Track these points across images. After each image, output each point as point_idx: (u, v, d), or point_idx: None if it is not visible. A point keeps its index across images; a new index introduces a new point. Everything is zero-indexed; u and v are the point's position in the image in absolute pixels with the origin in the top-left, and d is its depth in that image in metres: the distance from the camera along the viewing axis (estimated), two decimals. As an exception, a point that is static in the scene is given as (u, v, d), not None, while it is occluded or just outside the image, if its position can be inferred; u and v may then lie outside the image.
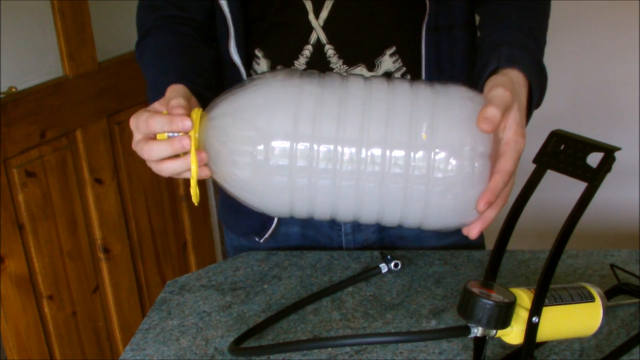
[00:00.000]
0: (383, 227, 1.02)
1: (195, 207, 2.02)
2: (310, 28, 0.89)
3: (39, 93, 1.52)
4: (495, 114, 0.65)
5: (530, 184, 0.67)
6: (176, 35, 0.92)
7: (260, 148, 0.68)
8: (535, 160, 0.67)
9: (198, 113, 0.71)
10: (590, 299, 0.67)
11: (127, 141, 1.77)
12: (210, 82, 0.89)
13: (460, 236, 1.04)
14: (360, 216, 0.73)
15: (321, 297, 0.88)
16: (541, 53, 0.84)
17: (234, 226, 1.08)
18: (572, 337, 0.70)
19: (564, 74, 1.83)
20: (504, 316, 0.62)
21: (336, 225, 1.01)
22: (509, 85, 0.70)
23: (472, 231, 0.71)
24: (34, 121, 1.51)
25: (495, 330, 0.63)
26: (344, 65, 0.90)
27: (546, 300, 0.64)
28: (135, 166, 1.80)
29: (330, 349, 0.79)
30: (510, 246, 0.71)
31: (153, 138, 0.72)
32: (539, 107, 0.88)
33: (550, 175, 0.67)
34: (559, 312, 0.65)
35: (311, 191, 0.70)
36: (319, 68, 0.90)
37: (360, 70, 0.91)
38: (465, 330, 0.63)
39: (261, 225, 1.02)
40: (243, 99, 0.71)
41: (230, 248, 1.10)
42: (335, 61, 0.90)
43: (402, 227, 1.02)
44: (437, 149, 0.67)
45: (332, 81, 0.71)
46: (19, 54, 1.52)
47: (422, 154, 0.67)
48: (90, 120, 1.66)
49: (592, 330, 0.68)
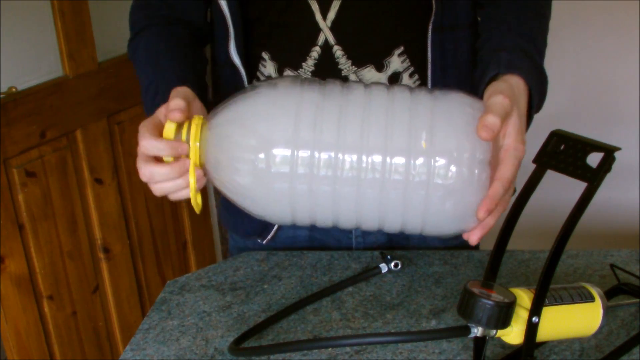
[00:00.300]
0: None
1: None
2: (318, 29, 0.89)
3: (39, 93, 1.52)
4: (494, 121, 0.66)
5: (530, 184, 0.67)
6: (171, 36, 0.91)
7: (262, 156, 0.68)
8: (535, 160, 0.67)
9: (199, 121, 0.71)
10: (590, 299, 0.67)
11: (127, 141, 1.77)
12: (206, 85, 0.89)
13: (461, 239, 1.05)
14: (362, 223, 0.74)
15: (321, 297, 0.88)
16: (541, 57, 0.84)
17: (235, 228, 1.07)
18: (572, 337, 0.70)
19: (564, 74, 1.83)
20: (504, 316, 0.62)
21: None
22: (508, 92, 0.70)
23: (472, 237, 0.71)
24: (34, 121, 1.51)
25: (495, 330, 0.63)
26: (353, 66, 0.90)
27: (546, 300, 0.64)
28: (135, 166, 1.80)
29: (330, 349, 0.79)
30: (510, 246, 0.71)
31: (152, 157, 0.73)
32: (539, 110, 0.88)
33: (550, 175, 0.67)
34: (559, 312, 0.65)
35: (312, 198, 0.70)
36: (327, 69, 0.90)
37: (369, 71, 0.90)
38: (465, 330, 0.63)
39: (263, 227, 1.02)
40: (244, 107, 0.71)
41: (235, 250, 1.10)
42: (344, 62, 0.90)
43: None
44: (437, 156, 0.67)
45: (333, 89, 0.71)
46: (19, 54, 1.52)
47: (422, 161, 0.67)
48: (90, 120, 1.66)
49: (592, 330, 0.68)
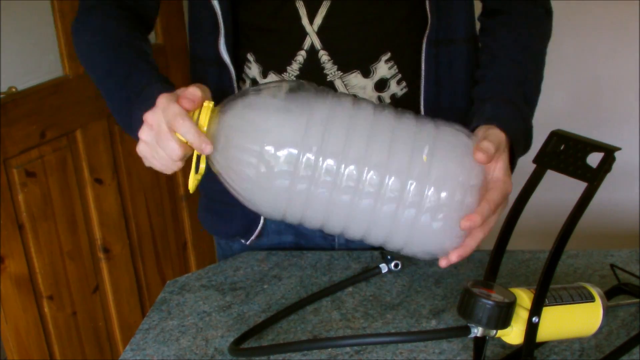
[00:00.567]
0: None
1: (195, 207, 2.02)
2: (304, 34, 0.88)
3: (39, 93, 1.52)
4: (490, 147, 0.72)
5: (530, 184, 0.67)
6: (126, 24, 0.89)
7: (269, 150, 0.70)
8: (535, 160, 0.67)
9: (209, 106, 0.73)
10: (590, 299, 0.67)
11: (127, 141, 1.77)
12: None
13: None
14: (348, 230, 0.76)
15: (321, 297, 0.88)
16: (530, 104, 0.87)
17: (216, 229, 1.07)
18: (572, 337, 0.70)
19: (564, 74, 1.83)
20: (504, 316, 0.62)
21: (329, 236, 1.01)
22: (495, 139, 0.75)
23: (452, 257, 0.74)
24: (34, 121, 1.51)
25: (495, 330, 0.63)
26: (339, 71, 0.90)
27: (546, 300, 0.64)
28: (135, 166, 1.80)
29: (330, 349, 0.79)
30: (510, 246, 0.71)
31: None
32: (539, 109, 0.88)
33: (550, 175, 0.67)
34: (559, 312, 0.65)
35: (308, 199, 0.72)
36: (312, 74, 0.89)
37: (355, 77, 0.90)
38: (466, 330, 0.63)
39: (246, 228, 1.01)
40: (258, 101, 0.73)
41: (222, 258, 1.09)
42: (330, 67, 0.89)
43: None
44: (432, 178, 0.71)
45: (345, 102, 0.74)
46: (19, 54, 1.52)
47: (417, 181, 0.71)
48: (90, 120, 1.66)
49: (592, 330, 0.68)
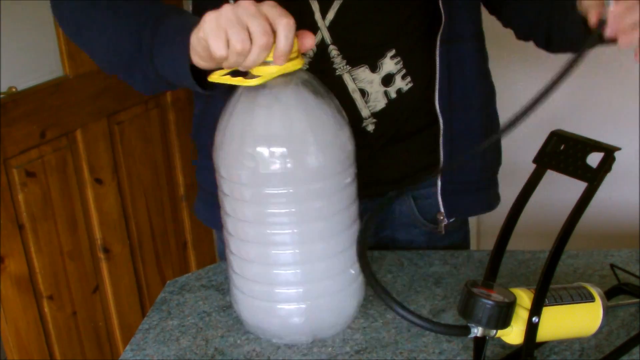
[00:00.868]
0: (377, 231, 1.03)
1: (195, 207, 2.02)
2: (316, 28, 0.89)
3: (39, 93, 1.52)
4: None
5: (530, 184, 0.67)
6: None
7: None
8: (535, 161, 0.67)
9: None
10: (590, 299, 0.67)
11: (127, 141, 1.77)
12: None
13: (450, 240, 1.05)
14: None
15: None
16: None
17: (218, 222, 1.07)
18: (572, 337, 0.70)
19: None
20: (504, 316, 0.62)
21: None
22: None
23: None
24: (34, 121, 1.51)
25: (495, 330, 0.63)
26: (347, 65, 0.90)
27: (546, 300, 0.64)
28: (135, 166, 1.80)
29: (330, 349, 0.79)
30: (510, 246, 0.71)
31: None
32: (539, 108, 0.88)
33: (551, 175, 0.67)
34: (559, 312, 0.65)
35: None
36: (322, 68, 0.90)
37: (364, 71, 0.91)
38: (466, 330, 0.63)
39: None
40: None
41: (224, 255, 1.09)
42: (339, 61, 0.90)
43: (395, 231, 1.03)
44: None
45: None
46: (19, 54, 1.52)
47: None
48: (90, 120, 1.65)
49: (592, 330, 0.68)
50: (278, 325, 0.79)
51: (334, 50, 0.90)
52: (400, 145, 0.96)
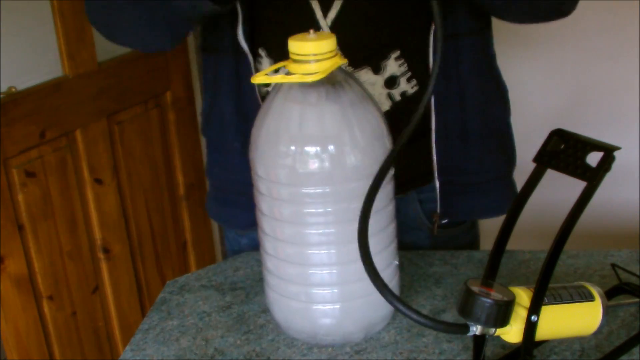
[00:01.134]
0: None
1: (195, 207, 2.02)
2: (317, 29, 0.88)
3: (39, 93, 1.52)
4: None
5: (530, 183, 0.67)
6: None
7: None
8: (535, 160, 0.67)
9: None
10: (590, 298, 0.67)
11: (127, 141, 1.77)
12: None
13: (456, 243, 1.04)
14: None
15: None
16: None
17: (230, 220, 1.06)
18: (572, 337, 0.70)
19: (564, 74, 1.83)
20: (502, 314, 0.62)
21: None
22: None
23: None
24: (34, 121, 1.51)
25: (494, 329, 0.63)
26: (350, 67, 0.90)
27: (545, 299, 0.64)
28: (135, 166, 1.80)
29: (330, 349, 0.79)
30: (510, 246, 0.71)
31: None
32: (539, 108, 0.87)
33: (550, 175, 0.67)
34: (558, 311, 0.65)
35: None
36: None
37: (366, 73, 0.90)
38: (465, 328, 0.62)
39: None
40: None
41: (230, 252, 1.09)
42: None
43: (402, 234, 1.03)
44: None
45: None
46: (19, 54, 1.52)
47: None
48: (90, 120, 1.66)
49: (592, 329, 0.68)
50: (312, 326, 0.78)
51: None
52: (406, 148, 0.95)
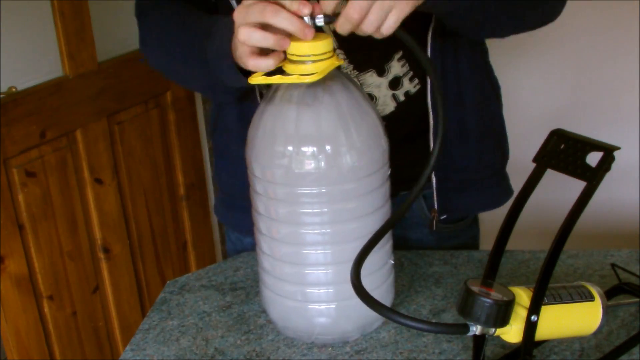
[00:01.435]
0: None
1: (195, 207, 2.02)
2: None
3: (39, 93, 1.52)
4: None
5: (530, 183, 0.67)
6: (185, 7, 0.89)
7: None
8: (535, 159, 0.67)
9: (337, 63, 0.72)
10: (589, 298, 0.67)
11: (127, 141, 1.77)
12: None
13: (459, 240, 1.04)
14: None
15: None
16: None
17: (238, 225, 1.07)
18: (572, 336, 0.70)
19: (564, 74, 1.83)
20: (502, 314, 0.62)
21: None
22: None
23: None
24: (34, 121, 1.51)
25: (494, 329, 0.63)
26: (355, 70, 0.90)
27: (545, 299, 0.64)
28: (135, 166, 1.80)
29: (330, 349, 0.79)
30: (510, 246, 0.71)
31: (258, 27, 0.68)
32: (539, 108, 0.87)
33: (550, 175, 0.67)
34: (558, 311, 0.65)
35: None
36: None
37: (371, 76, 0.91)
38: (464, 327, 0.63)
39: None
40: None
41: (233, 252, 1.09)
42: (346, 66, 0.90)
43: (406, 230, 1.03)
44: None
45: None
46: (19, 54, 1.52)
47: None
48: (90, 120, 1.65)
49: (592, 329, 0.68)
50: (308, 325, 0.79)
51: (340, 55, 0.89)
52: (411, 145, 0.96)
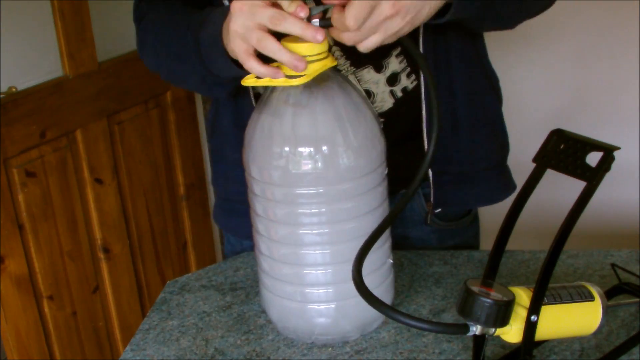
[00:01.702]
0: (390, 229, 1.02)
1: (195, 207, 2.02)
2: None
3: (39, 93, 1.52)
4: None
5: (530, 183, 0.67)
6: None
7: None
8: (535, 159, 0.67)
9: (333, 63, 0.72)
10: (589, 298, 0.67)
11: (127, 141, 1.77)
12: None
13: (460, 239, 1.04)
14: None
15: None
16: None
17: (237, 229, 1.07)
18: (572, 336, 0.70)
19: (564, 74, 1.83)
20: (502, 314, 0.62)
21: None
22: None
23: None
24: (34, 121, 1.51)
25: (494, 329, 0.63)
26: (352, 66, 0.90)
27: (545, 299, 0.64)
28: (135, 166, 1.80)
29: (330, 349, 0.79)
30: (510, 246, 0.71)
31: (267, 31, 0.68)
32: (539, 108, 0.87)
33: (550, 175, 0.67)
34: (558, 311, 0.65)
35: None
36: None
37: (368, 72, 0.91)
38: (464, 327, 0.63)
39: None
40: None
41: (231, 254, 1.09)
42: (343, 62, 0.90)
43: (407, 228, 1.02)
44: None
45: None
46: (19, 54, 1.52)
47: None
48: (90, 120, 1.65)
49: (592, 329, 0.68)
50: (307, 325, 0.79)
51: (337, 52, 0.89)
52: (409, 143, 0.95)
